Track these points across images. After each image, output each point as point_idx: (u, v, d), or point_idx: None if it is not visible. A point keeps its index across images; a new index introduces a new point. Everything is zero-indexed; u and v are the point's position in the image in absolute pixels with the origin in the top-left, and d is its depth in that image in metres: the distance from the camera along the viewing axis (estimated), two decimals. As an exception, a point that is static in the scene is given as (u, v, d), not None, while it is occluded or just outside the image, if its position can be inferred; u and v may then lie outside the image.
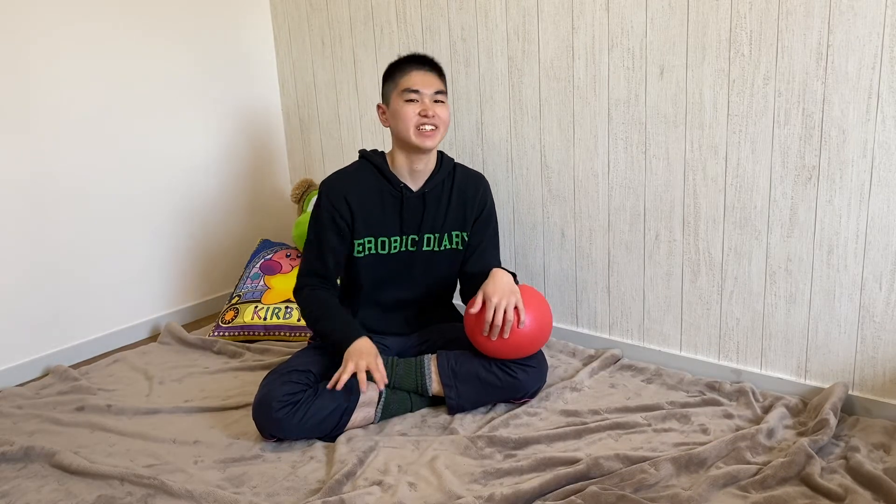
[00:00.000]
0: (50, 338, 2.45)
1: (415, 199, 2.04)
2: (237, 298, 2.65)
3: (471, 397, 1.98)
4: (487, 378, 1.97)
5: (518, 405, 2.01)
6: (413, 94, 1.96)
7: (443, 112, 1.98)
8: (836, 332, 1.92)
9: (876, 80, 1.73)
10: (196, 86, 2.76)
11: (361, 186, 2.02)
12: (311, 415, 1.85)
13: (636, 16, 2.05)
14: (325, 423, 1.87)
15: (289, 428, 1.84)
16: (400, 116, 1.97)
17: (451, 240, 2.10)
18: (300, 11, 2.87)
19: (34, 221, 2.38)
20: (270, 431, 1.86)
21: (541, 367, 2.02)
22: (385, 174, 2.03)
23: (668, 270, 2.16)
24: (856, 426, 1.83)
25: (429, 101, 1.97)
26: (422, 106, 1.96)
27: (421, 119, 1.95)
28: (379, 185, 2.03)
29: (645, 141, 2.12)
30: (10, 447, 1.87)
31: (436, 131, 1.97)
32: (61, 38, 2.38)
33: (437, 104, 1.98)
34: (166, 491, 1.68)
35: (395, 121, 1.99)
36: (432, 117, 1.95)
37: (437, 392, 1.98)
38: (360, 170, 2.06)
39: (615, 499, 1.54)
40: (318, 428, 1.87)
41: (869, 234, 1.82)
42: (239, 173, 2.96)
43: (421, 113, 1.95)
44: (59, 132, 2.41)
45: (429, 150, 1.99)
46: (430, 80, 1.99)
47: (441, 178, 2.07)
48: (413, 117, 1.95)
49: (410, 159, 2.02)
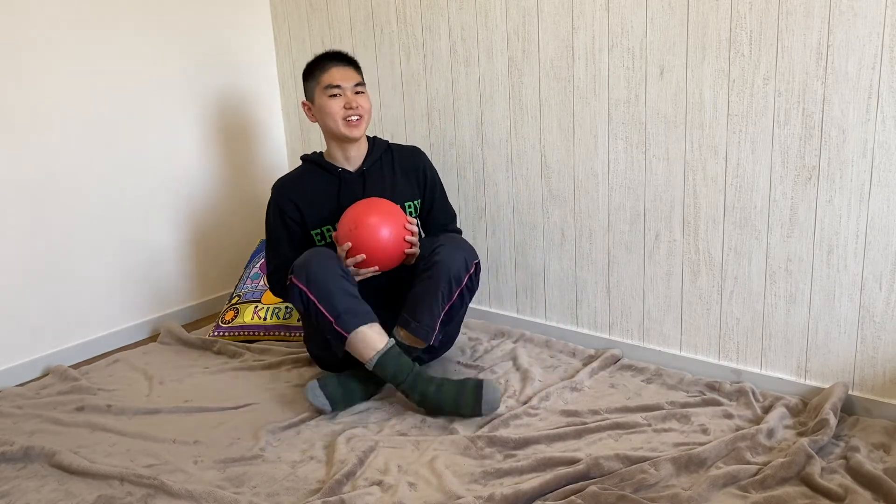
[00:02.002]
0: (50, 338, 2.46)
1: (354, 178, 2.19)
2: (237, 298, 2.65)
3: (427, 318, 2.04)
4: (424, 288, 2.03)
5: (468, 294, 2.07)
6: (335, 89, 2.12)
7: (364, 102, 2.15)
8: (836, 332, 1.92)
9: (876, 80, 1.73)
10: (196, 86, 2.76)
11: (305, 183, 2.20)
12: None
13: (636, 16, 2.05)
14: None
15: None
16: (326, 111, 2.13)
17: (405, 210, 2.21)
18: (300, 11, 2.87)
19: (34, 221, 2.38)
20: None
21: (449, 243, 2.06)
22: (323, 165, 2.20)
23: (668, 270, 2.16)
24: (856, 426, 1.83)
25: (350, 94, 2.13)
26: (345, 99, 2.12)
27: (346, 111, 2.11)
28: (321, 177, 2.20)
29: (645, 141, 2.12)
30: (10, 447, 1.87)
31: (361, 120, 2.14)
32: (61, 39, 2.38)
33: (358, 95, 2.14)
34: (166, 491, 1.68)
35: (322, 115, 2.15)
36: (356, 108, 2.12)
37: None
38: (303, 170, 2.24)
39: (615, 499, 1.54)
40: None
41: (869, 234, 1.82)
42: (239, 173, 2.96)
43: (345, 105, 2.11)
44: (58, 132, 2.41)
45: (357, 138, 2.15)
46: (348, 74, 2.15)
47: (377, 156, 2.23)
48: (339, 110, 2.11)
49: (343, 148, 2.19)
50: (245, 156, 2.97)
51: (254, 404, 2.10)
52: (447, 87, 2.51)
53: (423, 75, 2.55)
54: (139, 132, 2.62)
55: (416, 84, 2.58)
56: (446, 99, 2.52)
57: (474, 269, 2.07)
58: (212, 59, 2.80)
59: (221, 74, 2.84)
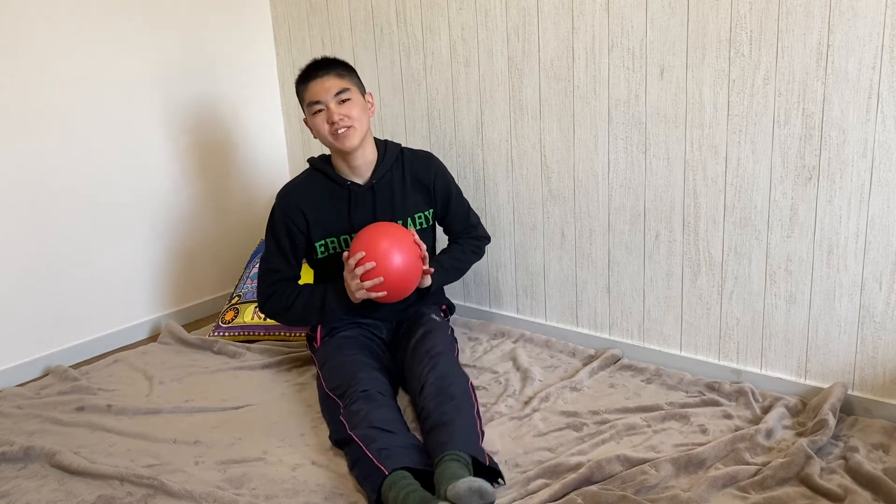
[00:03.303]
0: (50, 338, 2.46)
1: (364, 192, 2.12)
2: (237, 298, 2.65)
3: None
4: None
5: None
6: (316, 105, 2.05)
7: (350, 109, 2.03)
8: (836, 332, 1.92)
9: (876, 80, 1.73)
10: (195, 86, 2.76)
11: (312, 192, 2.13)
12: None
13: (636, 16, 2.05)
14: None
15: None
16: (315, 128, 2.08)
17: (416, 221, 2.18)
18: (300, 11, 2.87)
19: (34, 221, 2.38)
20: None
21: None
22: (330, 176, 2.13)
23: (668, 270, 2.16)
24: (855, 426, 1.83)
25: (333, 106, 2.02)
26: (327, 114, 2.03)
27: (331, 127, 2.03)
28: (328, 187, 2.13)
29: (645, 141, 2.12)
30: (10, 447, 1.87)
31: (350, 130, 2.03)
32: (61, 39, 2.38)
33: (342, 105, 2.03)
34: (166, 491, 1.68)
35: (315, 132, 2.09)
36: (339, 121, 2.01)
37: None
38: (309, 177, 2.17)
39: (616, 499, 1.54)
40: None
41: (869, 234, 1.82)
42: (239, 173, 2.96)
43: (328, 121, 2.03)
44: (58, 132, 2.41)
45: (352, 148, 2.06)
46: (327, 84, 2.04)
47: (388, 166, 2.15)
48: (324, 126, 2.04)
49: (346, 159, 2.11)
50: (245, 156, 2.97)
51: (254, 404, 2.10)
52: (447, 87, 2.51)
53: (423, 75, 2.55)
54: (138, 132, 2.62)
55: (416, 84, 2.58)
56: (446, 99, 2.52)
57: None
58: (211, 59, 2.80)
59: (221, 75, 2.84)
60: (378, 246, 1.96)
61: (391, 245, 1.96)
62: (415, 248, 2.01)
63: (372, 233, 2.01)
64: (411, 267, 1.99)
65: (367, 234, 2.01)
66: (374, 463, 1.63)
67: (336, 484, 1.71)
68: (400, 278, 1.98)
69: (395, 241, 1.98)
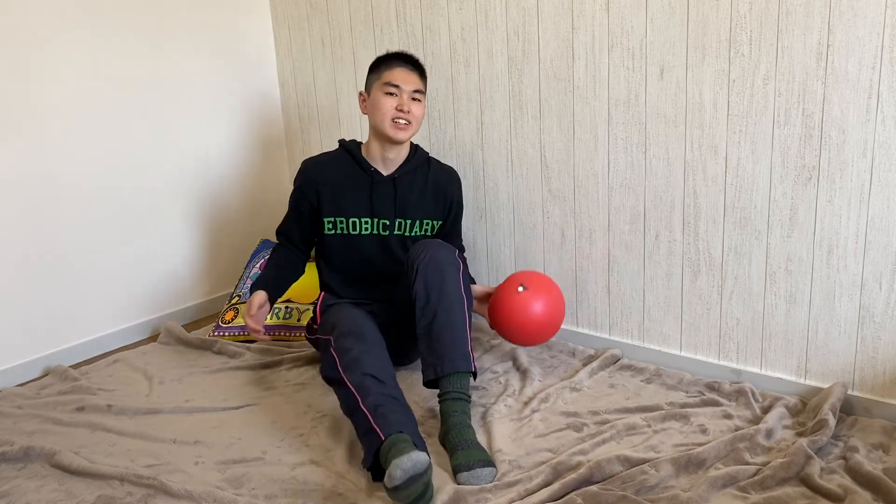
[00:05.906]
0: (50, 338, 2.46)
1: (385, 182, 2.18)
2: (237, 298, 2.65)
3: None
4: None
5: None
6: (393, 88, 2.11)
7: (417, 110, 2.13)
8: (836, 332, 1.92)
9: (876, 80, 1.73)
10: (195, 86, 2.76)
11: (333, 169, 2.19)
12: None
13: (636, 16, 2.05)
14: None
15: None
16: (378, 107, 2.11)
17: (422, 226, 2.23)
18: (300, 11, 2.87)
19: (34, 222, 2.38)
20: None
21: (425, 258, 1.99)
22: (357, 160, 2.19)
23: (668, 270, 2.16)
24: (855, 426, 1.83)
25: (406, 97, 2.11)
26: (399, 100, 2.10)
27: (397, 113, 2.10)
28: (351, 170, 2.19)
29: (645, 141, 2.12)
30: (10, 447, 1.87)
31: (409, 126, 2.12)
32: (64, 39, 2.38)
33: (413, 101, 2.12)
34: (166, 491, 1.68)
35: (373, 110, 2.13)
36: (407, 112, 2.10)
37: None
38: (336, 157, 2.23)
39: (616, 499, 1.54)
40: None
41: (869, 234, 1.82)
42: (238, 173, 2.96)
43: (397, 107, 2.10)
44: (58, 132, 2.41)
45: (401, 141, 2.14)
46: (411, 78, 2.14)
47: (413, 166, 2.21)
48: (390, 110, 2.10)
49: (383, 147, 2.17)
50: (244, 156, 2.97)
51: (254, 404, 2.10)
52: (447, 87, 2.51)
53: (423, 75, 2.55)
54: (138, 132, 2.62)
55: (416, 84, 2.58)
56: (446, 99, 2.52)
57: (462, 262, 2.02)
58: (211, 59, 2.80)
59: (221, 75, 2.84)
60: (544, 289, 2.08)
61: (546, 302, 2.06)
62: (538, 320, 2.07)
63: (550, 281, 2.14)
64: (527, 321, 2.07)
65: (547, 279, 2.14)
66: (371, 423, 1.66)
67: (336, 484, 1.71)
68: (527, 319, 2.07)
69: (547, 303, 2.07)
